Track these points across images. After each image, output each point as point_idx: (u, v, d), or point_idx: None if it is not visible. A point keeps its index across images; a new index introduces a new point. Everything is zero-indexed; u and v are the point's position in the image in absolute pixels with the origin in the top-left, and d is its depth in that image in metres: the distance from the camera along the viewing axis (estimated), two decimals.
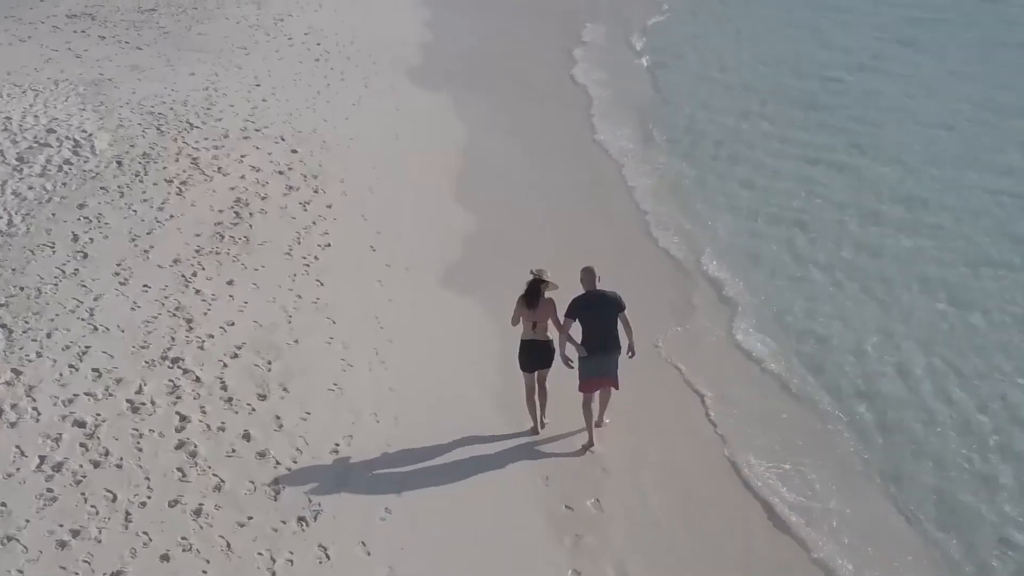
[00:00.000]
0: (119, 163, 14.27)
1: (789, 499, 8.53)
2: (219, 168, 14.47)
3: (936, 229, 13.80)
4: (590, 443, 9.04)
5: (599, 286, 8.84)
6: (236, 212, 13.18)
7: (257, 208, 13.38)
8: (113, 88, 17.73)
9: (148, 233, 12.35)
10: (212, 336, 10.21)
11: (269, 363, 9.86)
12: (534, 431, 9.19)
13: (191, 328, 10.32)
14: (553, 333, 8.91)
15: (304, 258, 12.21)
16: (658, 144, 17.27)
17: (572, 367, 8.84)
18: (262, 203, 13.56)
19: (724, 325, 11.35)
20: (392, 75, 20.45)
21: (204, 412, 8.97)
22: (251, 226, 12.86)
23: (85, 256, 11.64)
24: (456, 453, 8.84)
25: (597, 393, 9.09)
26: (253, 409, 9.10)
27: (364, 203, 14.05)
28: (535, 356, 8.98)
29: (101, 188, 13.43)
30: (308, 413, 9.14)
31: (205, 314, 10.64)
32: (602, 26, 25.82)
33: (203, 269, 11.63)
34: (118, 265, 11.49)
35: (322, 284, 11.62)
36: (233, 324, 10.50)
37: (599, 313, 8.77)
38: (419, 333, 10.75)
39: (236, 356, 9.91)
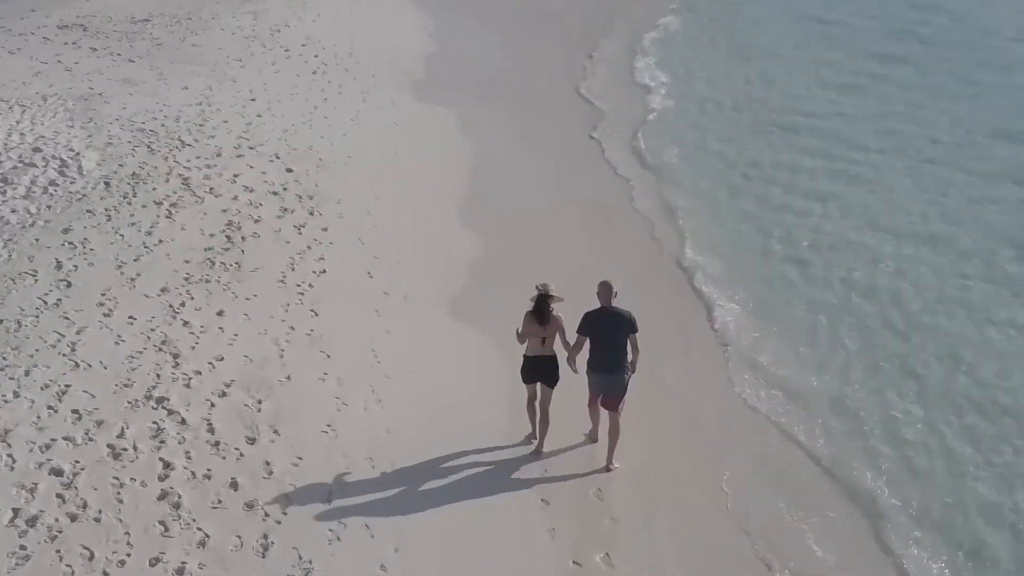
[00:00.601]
0: (107, 184, 13.88)
1: (802, 560, 8.11)
2: (211, 189, 14.07)
3: (953, 271, 13.20)
4: (594, 435, 9.23)
5: (615, 303, 8.73)
6: (228, 236, 12.77)
7: (250, 232, 12.97)
8: (103, 103, 17.36)
9: (135, 260, 11.94)
10: (200, 373, 9.79)
11: (259, 402, 9.43)
12: (531, 437, 9.18)
13: (177, 364, 9.90)
14: (559, 347, 8.88)
15: (298, 286, 11.79)
16: (667, 165, 16.81)
17: (577, 371, 8.92)
18: (255, 226, 13.15)
19: (732, 370, 10.88)
20: (392, 88, 20.07)
21: (189, 458, 8.54)
22: (243, 251, 12.46)
23: (68, 285, 11.23)
24: (457, 503, 8.40)
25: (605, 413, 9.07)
26: (241, 454, 8.67)
27: (361, 226, 13.64)
28: (540, 371, 8.93)
29: (87, 211, 13.03)
30: (299, 458, 8.70)
31: (193, 348, 10.23)
32: (609, 39, 25.36)
33: (192, 299, 11.21)
34: (103, 295, 11.08)
35: (316, 314, 11.21)
36: (222, 359, 10.07)
37: (610, 331, 8.66)
38: (418, 369, 10.31)
39: (224, 395, 9.48)
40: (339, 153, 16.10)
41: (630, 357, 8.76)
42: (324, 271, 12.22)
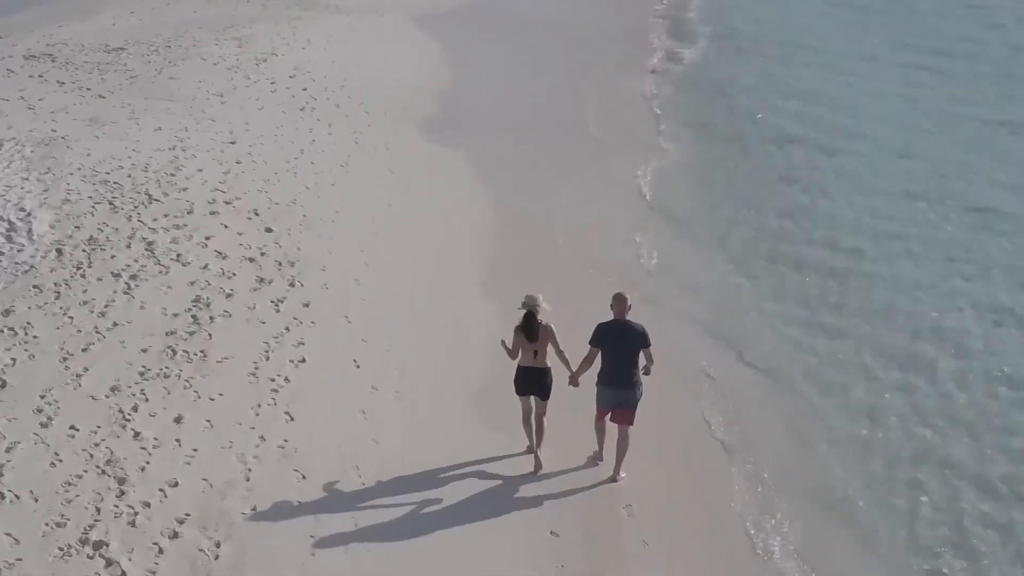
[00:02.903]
0: (59, 251, 12.60)
1: None
2: (178, 256, 12.79)
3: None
4: (599, 457, 9.38)
5: (629, 317, 9.00)
6: (194, 316, 11.48)
7: (219, 310, 11.68)
8: (65, 148, 16.10)
9: (84, 350, 10.64)
10: (148, 505, 8.46)
11: (217, 545, 8.10)
12: (529, 450, 9.39)
13: (123, 492, 8.57)
14: (552, 359, 9.14)
15: (272, 380, 10.48)
16: (692, 231, 15.47)
17: (578, 386, 9.19)
18: (226, 303, 11.86)
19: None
20: (387, 126, 18.84)
21: None
22: (210, 335, 11.16)
23: (3, 385, 9.92)
24: None
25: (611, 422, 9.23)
26: None
27: (348, 299, 12.35)
28: (532, 383, 9.16)
29: (34, 287, 11.75)
30: None
31: (142, 469, 8.90)
32: (634, 75, 23.89)
33: (146, 400, 9.90)
34: (42, 397, 9.77)
35: (292, 419, 9.89)
36: (176, 485, 8.74)
37: (622, 344, 8.92)
38: (411, 495, 8.95)
39: (176, 536, 8.15)
40: (326, 208, 14.83)
41: (644, 370, 9.01)
42: (303, 360, 10.91)
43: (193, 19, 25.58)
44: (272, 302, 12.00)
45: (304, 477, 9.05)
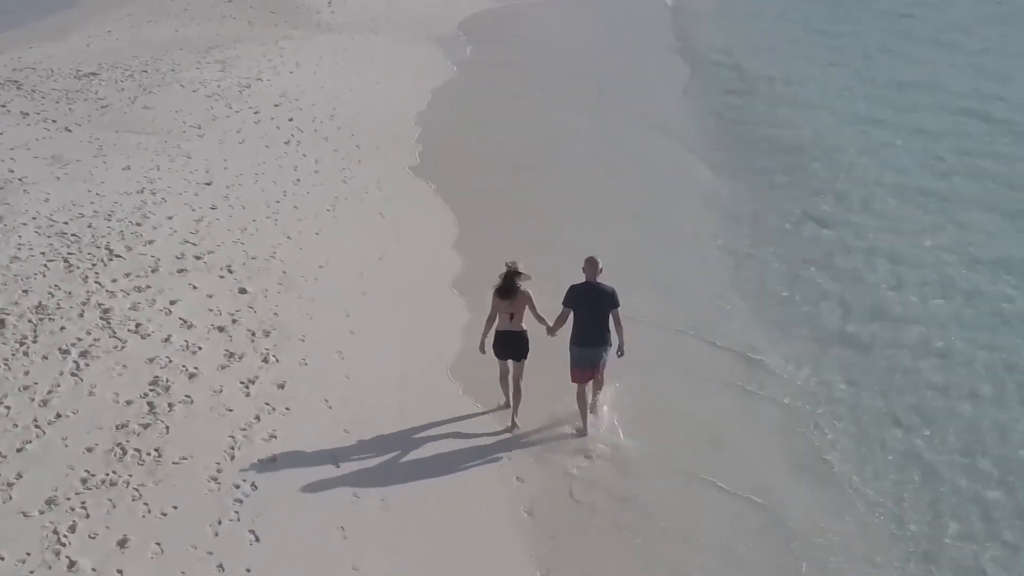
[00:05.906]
0: (1, 322, 11.35)
1: None
2: (137, 326, 11.52)
3: None
4: (583, 430, 9.92)
5: (599, 279, 9.59)
6: (150, 404, 10.20)
7: (180, 395, 10.40)
8: (21, 193, 14.91)
9: (19, 450, 9.36)
10: None
11: None
12: (506, 404, 10.18)
13: None
14: (528, 323, 9.83)
15: (237, 487, 9.17)
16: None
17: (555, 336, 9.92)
18: (188, 385, 10.58)
19: None
20: (380, 163, 17.58)
21: None
22: (168, 428, 9.87)
23: None
24: None
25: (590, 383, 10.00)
26: None
27: (331, 378, 11.05)
28: (509, 346, 9.87)
29: None
30: None
31: None
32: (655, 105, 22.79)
33: (87, 517, 8.61)
34: None
35: (257, 539, 8.58)
36: None
37: (593, 306, 9.55)
38: None
39: None
40: (309, 262, 13.55)
41: (613, 334, 9.65)
42: (274, 459, 9.61)
43: (174, 39, 24.41)
44: (242, 383, 10.72)
45: None
